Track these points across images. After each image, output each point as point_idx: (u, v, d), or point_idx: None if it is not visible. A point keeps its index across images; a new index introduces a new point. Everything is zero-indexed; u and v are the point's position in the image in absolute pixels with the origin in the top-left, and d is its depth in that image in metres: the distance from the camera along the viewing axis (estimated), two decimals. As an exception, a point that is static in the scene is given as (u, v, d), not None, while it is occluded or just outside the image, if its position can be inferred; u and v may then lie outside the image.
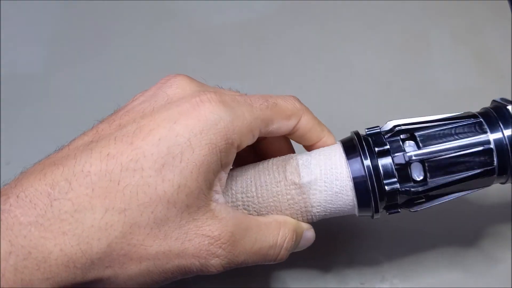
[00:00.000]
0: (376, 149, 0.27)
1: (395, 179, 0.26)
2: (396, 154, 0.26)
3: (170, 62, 0.47)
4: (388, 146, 0.26)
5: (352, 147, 0.27)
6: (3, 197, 0.22)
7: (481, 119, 0.27)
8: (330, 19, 0.49)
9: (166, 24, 0.49)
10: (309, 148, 0.30)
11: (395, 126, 0.27)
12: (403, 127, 0.27)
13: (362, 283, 0.35)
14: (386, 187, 0.26)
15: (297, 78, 0.45)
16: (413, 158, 0.26)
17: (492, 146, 0.26)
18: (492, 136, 0.26)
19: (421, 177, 0.27)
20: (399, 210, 0.28)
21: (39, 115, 0.44)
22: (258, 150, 0.31)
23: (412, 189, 0.26)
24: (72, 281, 0.22)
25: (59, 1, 0.51)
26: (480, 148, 0.26)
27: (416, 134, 0.27)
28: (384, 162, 0.26)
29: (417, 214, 0.37)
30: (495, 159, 0.26)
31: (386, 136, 0.27)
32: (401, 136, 0.27)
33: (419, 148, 0.26)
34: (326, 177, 0.27)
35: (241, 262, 0.25)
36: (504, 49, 0.45)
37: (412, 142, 0.27)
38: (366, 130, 0.28)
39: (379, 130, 0.28)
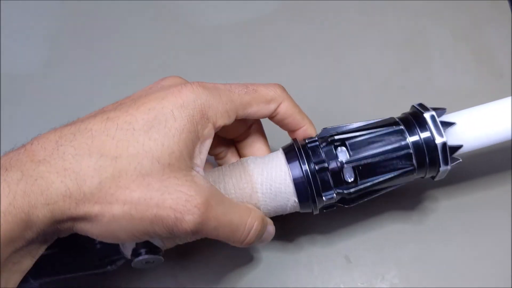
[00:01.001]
0: (314, 160, 0.30)
1: (331, 185, 0.30)
2: (330, 162, 0.30)
3: (169, 62, 0.47)
4: (324, 161, 0.30)
5: (293, 153, 0.31)
6: (20, 146, 0.27)
7: (402, 127, 0.31)
8: (330, 18, 0.49)
9: (165, 24, 0.49)
10: (292, 134, 0.34)
11: (330, 136, 0.31)
12: (336, 137, 0.31)
13: (362, 283, 0.35)
14: (323, 197, 0.31)
15: (297, 78, 0.45)
16: (345, 165, 0.30)
17: (411, 151, 0.31)
18: (410, 139, 0.31)
19: (352, 179, 0.31)
20: (335, 207, 0.32)
21: (39, 115, 0.44)
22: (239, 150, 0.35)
23: (345, 191, 0.31)
24: (67, 212, 0.25)
25: (59, 1, 0.51)
26: (401, 153, 0.31)
27: (347, 142, 0.31)
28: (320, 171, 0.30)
29: (418, 219, 0.38)
30: (414, 161, 0.31)
31: (322, 146, 0.31)
32: (335, 143, 0.31)
33: (350, 154, 0.31)
34: (270, 179, 0.31)
35: (212, 229, 0.27)
36: (504, 49, 0.45)
37: (344, 148, 0.31)
38: (306, 140, 0.32)
39: (317, 144, 0.31)
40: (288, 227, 0.38)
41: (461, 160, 0.32)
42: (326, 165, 0.30)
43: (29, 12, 0.51)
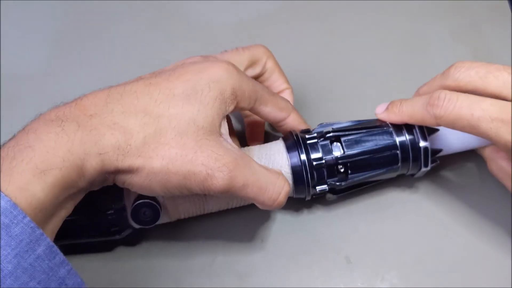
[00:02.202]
0: (312, 154, 0.33)
1: (325, 178, 0.34)
2: (326, 157, 0.33)
3: (170, 62, 0.46)
4: (322, 158, 0.33)
5: (292, 145, 0.34)
6: (70, 101, 0.29)
7: (391, 129, 0.34)
8: (330, 18, 0.49)
9: (166, 24, 0.49)
10: None
11: (326, 132, 0.34)
12: (332, 134, 0.34)
13: (362, 283, 0.35)
14: (316, 188, 0.34)
15: (297, 78, 0.45)
16: (339, 162, 0.33)
17: (398, 151, 0.34)
18: (398, 140, 0.34)
19: (343, 171, 0.34)
20: (327, 188, 0.34)
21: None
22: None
23: (337, 183, 0.34)
24: (114, 163, 0.28)
25: (59, 1, 0.51)
26: (389, 153, 0.34)
27: (342, 139, 0.34)
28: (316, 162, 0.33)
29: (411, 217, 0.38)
30: (399, 160, 0.34)
31: (319, 141, 0.34)
32: (331, 139, 0.34)
33: (344, 151, 0.34)
34: (272, 165, 0.34)
35: (241, 187, 0.29)
36: (504, 49, 0.45)
37: (338, 144, 0.34)
38: (306, 136, 0.34)
39: (316, 141, 0.34)
40: (288, 226, 0.38)
41: (438, 162, 0.35)
42: (323, 161, 0.33)
43: (29, 12, 0.51)
